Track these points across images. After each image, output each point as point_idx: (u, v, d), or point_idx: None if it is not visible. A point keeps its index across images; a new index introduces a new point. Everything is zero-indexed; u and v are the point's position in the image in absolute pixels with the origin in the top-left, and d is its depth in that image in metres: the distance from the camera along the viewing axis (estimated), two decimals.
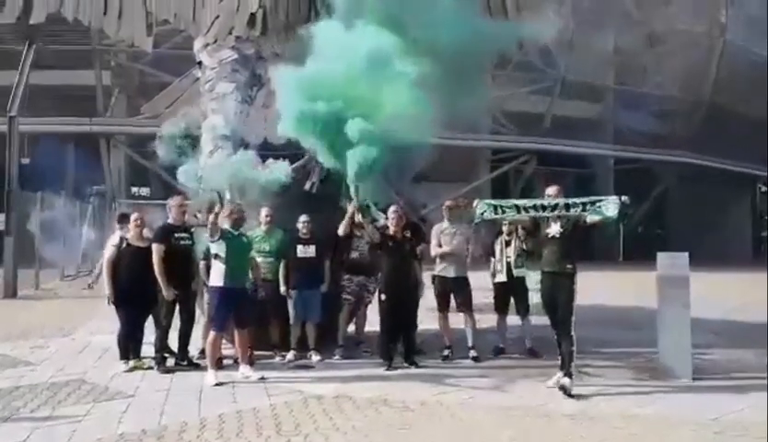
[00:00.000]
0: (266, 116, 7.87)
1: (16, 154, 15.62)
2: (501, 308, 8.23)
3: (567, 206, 6.39)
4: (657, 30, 29.56)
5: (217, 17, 8.41)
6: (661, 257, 7.08)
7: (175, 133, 7.57)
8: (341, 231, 7.80)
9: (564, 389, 6.24)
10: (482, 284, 8.42)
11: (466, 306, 7.89)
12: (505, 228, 8.07)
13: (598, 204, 6.27)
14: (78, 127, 24.55)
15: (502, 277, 8.13)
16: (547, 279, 6.54)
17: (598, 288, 12.18)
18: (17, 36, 19.05)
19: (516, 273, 8.07)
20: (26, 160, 20.12)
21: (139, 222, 7.33)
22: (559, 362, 6.45)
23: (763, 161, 31.82)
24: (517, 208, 6.69)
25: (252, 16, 8.21)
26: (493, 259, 8.22)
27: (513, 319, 8.27)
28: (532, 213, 6.61)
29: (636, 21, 27.88)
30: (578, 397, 6.12)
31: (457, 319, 7.98)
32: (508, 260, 8.07)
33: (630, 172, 30.48)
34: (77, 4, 9.61)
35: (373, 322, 7.83)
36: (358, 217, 7.41)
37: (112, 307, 7.32)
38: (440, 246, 7.90)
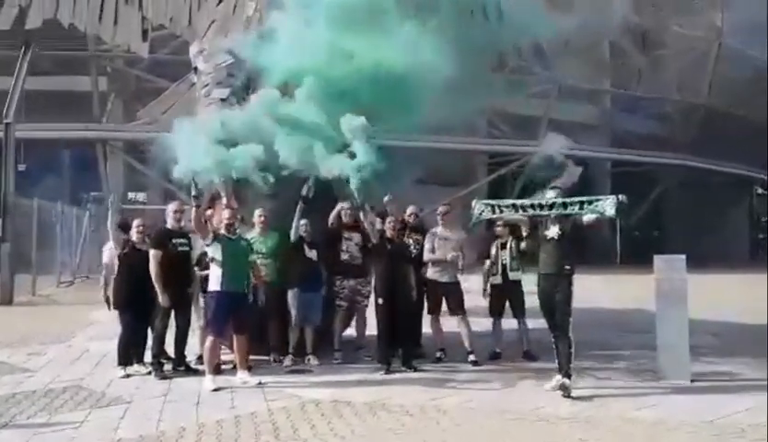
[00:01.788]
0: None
1: (12, 160, 15.60)
2: (496, 311, 8.20)
3: (565, 205, 6.42)
4: (653, 33, 29.67)
5: (213, 21, 8.41)
6: (659, 260, 7.08)
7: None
8: (331, 221, 7.90)
9: (564, 389, 6.24)
10: (479, 288, 8.42)
11: (459, 309, 7.88)
12: (499, 230, 8.07)
13: (595, 203, 6.31)
14: (75, 133, 24.51)
15: (497, 279, 8.13)
16: (545, 281, 6.54)
17: (595, 291, 12.18)
18: (13, 42, 19.03)
19: (511, 276, 8.07)
20: (22, 166, 20.09)
21: (141, 229, 7.32)
22: (557, 365, 6.46)
23: (760, 164, 31.91)
24: (515, 207, 6.73)
25: (248, 20, 8.21)
26: (488, 261, 8.19)
27: (511, 323, 8.26)
28: (530, 212, 6.64)
29: (633, 24, 27.96)
30: (576, 399, 6.12)
31: (454, 323, 7.96)
32: (504, 262, 8.07)
33: (627, 175, 30.53)
34: (73, 9, 9.61)
35: (374, 327, 7.81)
36: (362, 214, 7.44)
37: (110, 313, 7.32)
38: (433, 252, 7.90)
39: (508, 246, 8.02)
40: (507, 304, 8.22)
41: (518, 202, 6.81)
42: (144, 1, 9.42)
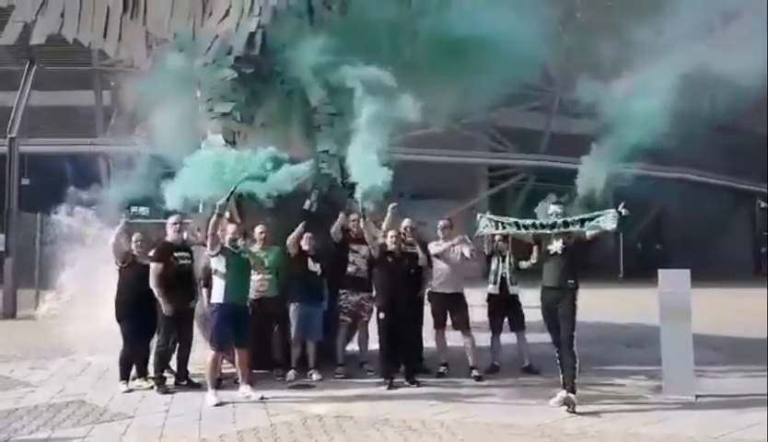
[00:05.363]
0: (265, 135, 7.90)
1: (16, 174, 15.64)
2: (495, 325, 8.22)
3: (566, 224, 6.47)
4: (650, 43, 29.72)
5: (216, 37, 8.45)
6: (663, 274, 7.07)
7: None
8: (334, 233, 7.84)
9: (569, 404, 6.21)
10: (482, 301, 8.41)
11: (463, 324, 7.86)
12: (501, 243, 8.09)
13: (597, 220, 6.35)
14: (78, 147, 24.58)
15: (493, 289, 8.16)
16: (548, 294, 6.54)
17: (599, 306, 12.14)
18: (18, 57, 19.12)
19: (511, 290, 8.12)
20: (26, 181, 20.12)
21: (140, 243, 7.32)
22: (561, 380, 6.43)
23: (762, 177, 31.86)
24: (518, 225, 6.79)
25: (251, 35, 8.26)
26: (492, 266, 8.22)
27: (511, 337, 8.25)
28: (532, 230, 6.69)
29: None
30: (581, 415, 6.09)
31: (457, 336, 7.94)
32: (503, 276, 8.10)
33: (630, 188, 30.45)
34: (78, 25, 9.65)
35: (376, 341, 7.79)
36: (363, 226, 7.47)
37: (112, 327, 7.31)
38: (437, 257, 7.89)
39: (507, 260, 8.05)
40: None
41: (521, 220, 6.88)
42: (148, 16, 9.47)
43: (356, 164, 7.22)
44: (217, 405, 6.45)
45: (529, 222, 6.75)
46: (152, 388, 7.10)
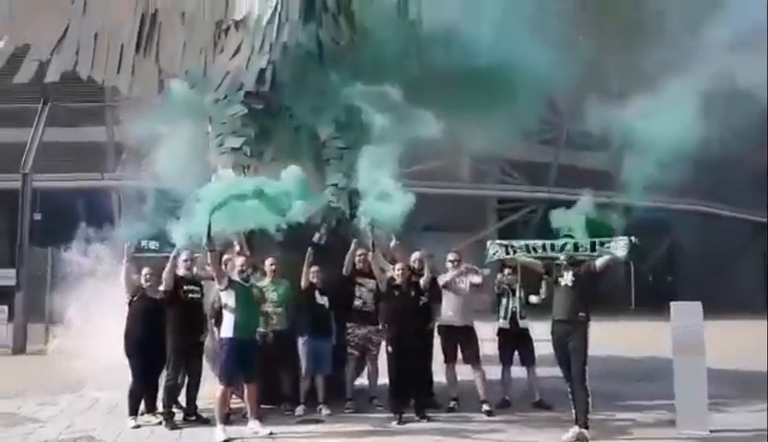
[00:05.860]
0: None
1: (28, 210, 15.78)
2: (505, 358, 8.17)
3: (576, 247, 6.45)
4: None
5: (227, 73, 8.58)
6: (675, 306, 7.01)
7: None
8: (346, 269, 7.85)
9: (582, 440, 6.14)
10: (492, 335, 8.36)
11: (473, 358, 7.81)
12: (510, 277, 8.07)
13: (607, 245, 6.33)
14: (90, 183, 24.80)
15: (504, 324, 8.12)
16: (559, 328, 6.50)
17: (610, 338, 12.01)
18: (32, 94, 19.40)
19: (521, 323, 8.09)
20: (38, 216, 20.30)
21: (148, 277, 7.33)
22: (573, 415, 6.35)
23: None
24: (528, 248, 6.77)
25: (262, 72, 8.38)
26: (502, 300, 8.20)
27: (522, 372, 8.18)
28: (542, 253, 6.67)
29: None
30: None
31: (468, 370, 7.87)
32: (514, 310, 8.06)
33: (640, 220, 30.31)
34: (92, 62, 9.83)
35: (386, 375, 7.74)
36: (370, 258, 7.51)
37: (121, 362, 7.31)
38: (446, 288, 7.87)
39: (517, 295, 8.01)
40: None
41: (531, 243, 6.86)
42: (160, 53, 9.64)
43: (372, 189, 7.21)
44: (226, 441, 6.40)
45: (539, 244, 6.74)
46: (160, 423, 7.06)
